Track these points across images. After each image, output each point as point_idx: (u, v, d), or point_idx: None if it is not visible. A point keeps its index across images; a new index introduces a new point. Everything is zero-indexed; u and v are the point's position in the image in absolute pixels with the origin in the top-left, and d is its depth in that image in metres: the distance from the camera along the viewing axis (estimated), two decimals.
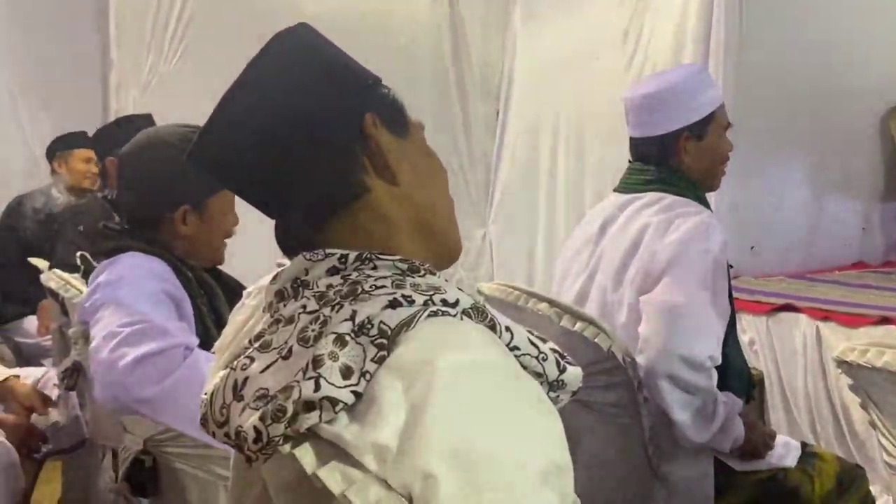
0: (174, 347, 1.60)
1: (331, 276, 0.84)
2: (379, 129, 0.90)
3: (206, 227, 1.85)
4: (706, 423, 1.87)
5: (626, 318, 1.95)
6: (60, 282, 2.24)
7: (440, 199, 0.96)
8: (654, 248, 1.93)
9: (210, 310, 1.84)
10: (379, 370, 0.74)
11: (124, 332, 1.61)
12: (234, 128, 0.89)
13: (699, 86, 2.06)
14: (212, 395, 0.82)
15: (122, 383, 1.57)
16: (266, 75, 0.89)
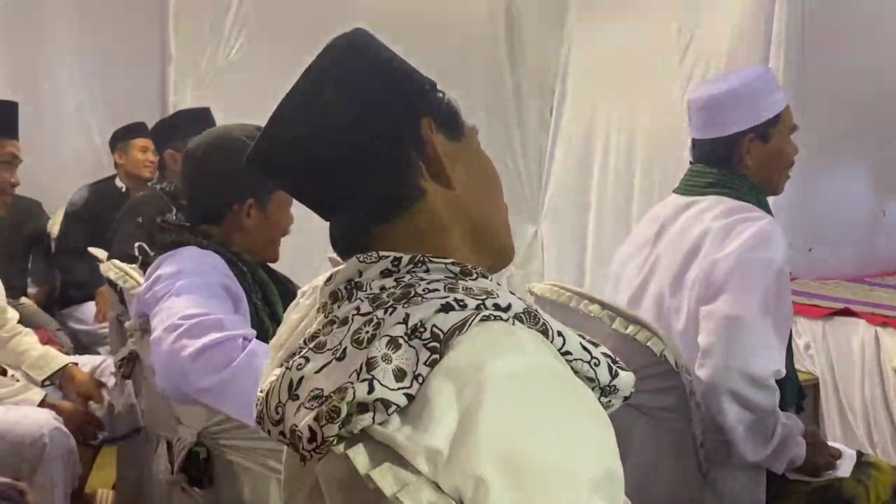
0: (233, 338, 1.64)
1: (384, 279, 0.85)
2: (435, 133, 0.91)
3: (267, 222, 1.90)
4: (762, 442, 1.84)
5: (685, 324, 1.93)
6: (119, 272, 2.29)
7: (494, 203, 0.97)
8: (714, 257, 1.90)
9: (264, 304, 1.87)
10: (431, 374, 0.75)
11: (185, 325, 1.64)
12: (292, 132, 0.90)
13: (765, 88, 2.03)
14: (267, 394, 0.84)
15: (183, 373, 1.61)
16: (324, 80, 0.91)
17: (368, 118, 0.89)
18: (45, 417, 2.31)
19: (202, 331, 1.64)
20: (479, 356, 0.75)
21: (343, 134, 0.89)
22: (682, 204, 2.07)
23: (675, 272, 1.98)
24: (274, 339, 0.99)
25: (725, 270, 1.87)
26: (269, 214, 1.89)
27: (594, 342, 0.90)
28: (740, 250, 1.87)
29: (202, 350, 1.62)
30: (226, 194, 1.88)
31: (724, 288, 1.86)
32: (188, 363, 1.61)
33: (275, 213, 1.90)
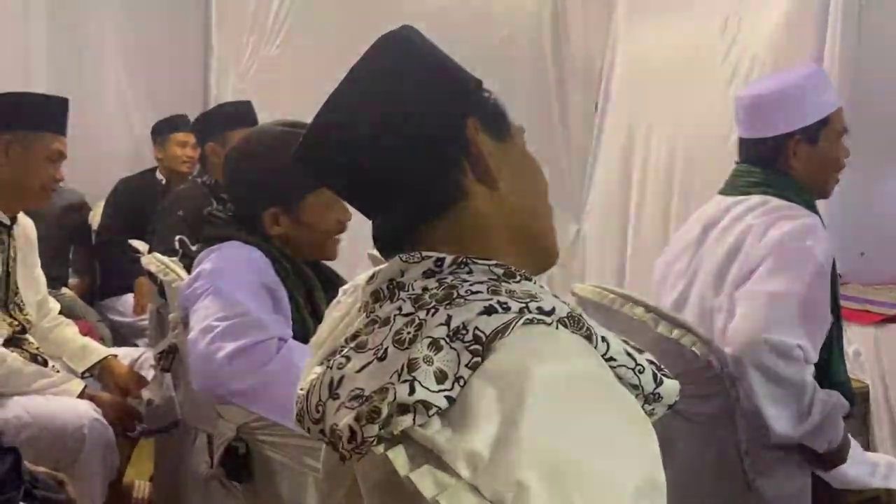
0: (268, 340, 1.66)
1: (427, 279, 0.86)
2: (480, 133, 0.92)
3: (303, 226, 1.89)
4: (798, 418, 1.81)
5: (723, 323, 1.92)
6: (160, 266, 2.33)
7: (539, 204, 0.97)
8: (753, 247, 1.90)
9: (308, 302, 1.89)
10: (473, 376, 0.75)
11: (221, 326, 1.67)
12: (337, 129, 0.92)
13: (815, 88, 2.01)
14: (308, 392, 0.85)
15: (217, 375, 1.63)
16: (370, 78, 0.92)
17: (413, 117, 0.90)
18: (85, 408, 2.35)
19: (237, 332, 1.66)
20: (522, 360, 0.75)
21: (388, 133, 0.90)
22: (725, 205, 2.06)
23: (717, 272, 1.97)
24: (314, 337, 1.00)
25: (761, 255, 1.86)
26: (303, 218, 1.89)
27: (638, 348, 0.90)
28: (777, 239, 1.87)
29: (236, 353, 1.64)
30: (251, 203, 1.90)
31: (757, 269, 1.85)
32: (222, 366, 1.63)
33: (310, 215, 1.89)
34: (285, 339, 1.68)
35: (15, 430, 2.23)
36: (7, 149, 2.42)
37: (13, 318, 2.50)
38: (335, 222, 1.91)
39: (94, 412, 2.35)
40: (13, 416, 2.29)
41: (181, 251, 2.25)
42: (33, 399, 2.36)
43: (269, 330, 1.68)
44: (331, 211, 1.90)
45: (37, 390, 2.38)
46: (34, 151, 2.44)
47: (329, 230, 1.92)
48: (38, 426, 2.29)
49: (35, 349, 2.55)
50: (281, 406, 1.59)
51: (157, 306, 2.77)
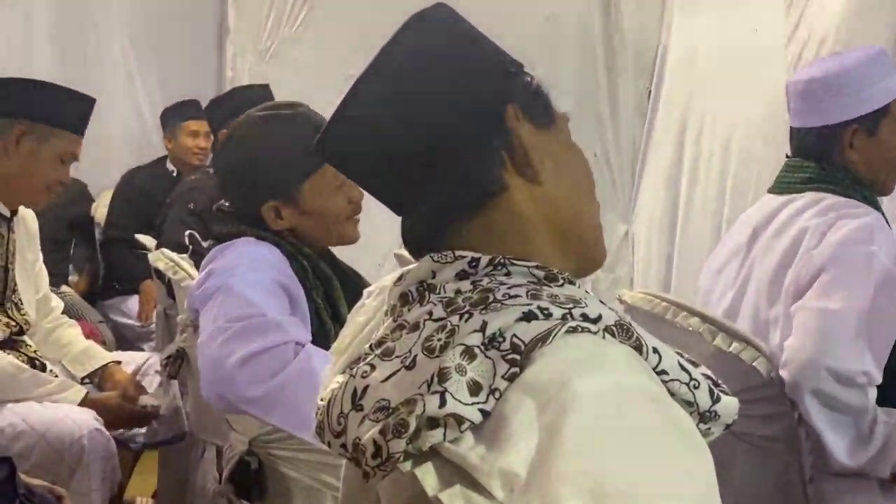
0: (284, 344, 1.66)
1: (460, 281, 0.86)
2: (521, 122, 0.92)
3: (309, 215, 1.90)
4: (860, 446, 1.80)
5: (780, 337, 1.90)
6: (169, 263, 2.35)
7: (585, 200, 0.97)
8: (810, 254, 1.88)
9: (326, 302, 1.90)
10: (510, 388, 0.75)
11: (233, 328, 1.67)
12: (365, 117, 0.92)
13: (876, 72, 1.97)
14: (329, 402, 0.85)
15: (228, 382, 1.64)
16: (400, 61, 0.92)
17: (448, 104, 0.90)
18: (86, 417, 2.37)
19: (251, 334, 1.67)
20: (564, 372, 0.75)
21: (420, 121, 0.90)
22: (777, 204, 2.04)
23: (771, 279, 1.95)
24: (336, 343, 1.01)
25: (819, 265, 1.84)
26: (306, 207, 1.89)
27: (693, 361, 0.90)
28: (837, 243, 1.84)
29: (249, 357, 1.65)
30: (247, 200, 1.92)
31: (816, 281, 1.83)
32: (234, 371, 1.64)
33: (314, 202, 1.89)
34: (303, 344, 1.69)
35: (9, 439, 2.26)
36: (19, 139, 2.43)
37: (10, 318, 2.52)
38: (345, 204, 1.92)
39: (94, 421, 2.37)
40: (7, 425, 2.32)
41: (191, 247, 2.27)
42: (29, 406, 2.39)
43: (287, 333, 1.69)
44: (337, 193, 1.90)
45: (34, 397, 2.41)
46: (47, 148, 2.45)
47: (339, 213, 1.92)
48: (34, 436, 2.32)
49: (33, 352, 2.58)
50: (298, 417, 1.60)
51: (165, 307, 2.80)
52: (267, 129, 1.88)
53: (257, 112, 1.93)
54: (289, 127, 1.87)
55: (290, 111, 1.90)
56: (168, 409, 2.58)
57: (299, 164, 1.86)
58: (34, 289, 2.67)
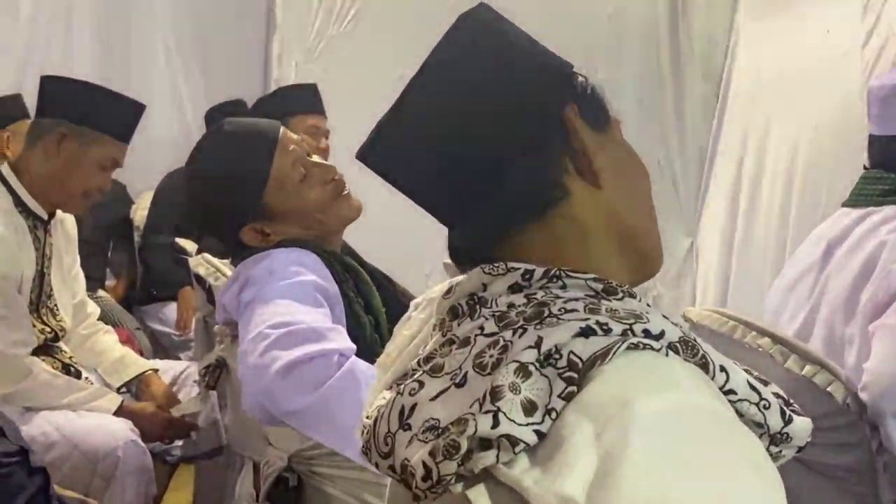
0: (328, 353, 1.67)
1: (513, 294, 0.86)
2: (580, 123, 0.92)
3: (291, 218, 1.93)
4: None
5: (856, 358, 1.87)
6: (210, 268, 2.37)
7: (643, 205, 0.97)
8: (889, 270, 1.85)
9: (358, 295, 1.91)
10: (567, 408, 0.75)
11: (275, 335, 1.69)
12: (418, 122, 0.92)
13: None
14: (375, 421, 0.85)
15: (270, 392, 1.65)
16: (454, 62, 0.92)
17: (506, 105, 0.90)
18: (121, 428, 2.41)
19: (294, 342, 1.68)
20: (625, 391, 0.74)
21: (477, 124, 0.90)
22: (852, 219, 2.01)
23: (847, 296, 1.92)
24: (381, 358, 1.01)
25: None
26: (282, 213, 1.93)
27: (763, 380, 0.89)
28: None
29: (292, 366, 1.65)
30: (222, 232, 1.99)
31: None
32: (276, 381, 1.65)
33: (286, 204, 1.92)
34: (347, 355, 1.70)
35: (42, 448, 2.30)
36: (60, 141, 2.46)
37: (45, 324, 2.57)
38: (321, 190, 1.96)
39: (130, 433, 2.41)
40: (40, 433, 2.36)
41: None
42: (63, 415, 2.43)
43: (329, 341, 1.70)
44: (304, 186, 1.94)
45: (68, 405, 2.45)
46: (89, 154, 2.48)
47: (321, 201, 1.96)
48: (68, 445, 2.36)
49: (68, 358, 2.63)
50: (340, 432, 1.60)
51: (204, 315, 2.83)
52: (201, 162, 1.96)
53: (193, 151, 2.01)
54: (219, 148, 1.94)
55: (211, 138, 1.99)
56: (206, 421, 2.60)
57: (246, 179, 1.91)
58: (70, 294, 2.71)
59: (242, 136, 1.94)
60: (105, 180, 2.53)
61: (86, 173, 2.49)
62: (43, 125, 2.49)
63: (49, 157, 2.46)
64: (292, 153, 1.94)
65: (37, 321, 2.54)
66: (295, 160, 1.94)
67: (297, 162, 1.94)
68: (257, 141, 1.94)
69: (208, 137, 2.00)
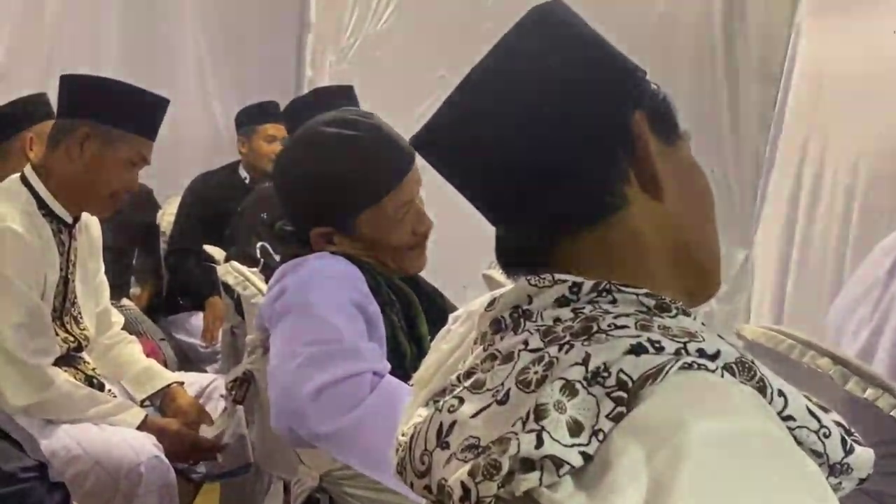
0: (362, 374, 1.67)
1: (559, 308, 0.86)
2: (647, 131, 0.92)
3: (365, 243, 1.92)
4: None
5: None
6: (239, 277, 2.39)
7: (707, 223, 0.96)
8: None
9: (403, 321, 1.91)
10: (615, 430, 0.75)
11: (308, 353, 1.69)
12: (474, 117, 0.93)
13: None
14: (411, 438, 0.86)
15: (300, 413, 1.65)
16: (517, 59, 0.93)
17: (570, 105, 0.90)
18: (145, 443, 2.42)
19: (327, 361, 1.68)
20: (678, 413, 0.74)
21: (538, 124, 0.90)
22: None
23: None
24: (419, 373, 1.01)
25: None
26: (362, 236, 1.91)
27: (823, 406, 0.88)
28: None
29: (324, 387, 1.66)
30: (296, 220, 1.97)
31: None
32: (307, 402, 1.65)
33: (373, 231, 1.91)
34: (382, 374, 1.70)
35: (62, 463, 2.32)
36: (83, 142, 2.49)
37: (69, 333, 2.59)
38: (407, 235, 1.93)
39: (154, 448, 2.42)
40: (61, 447, 2.38)
41: (263, 261, 2.30)
42: (85, 429, 2.45)
43: (365, 361, 1.70)
44: (398, 225, 1.91)
45: (90, 418, 2.47)
46: (114, 153, 2.50)
47: (400, 245, 1.94)
48: (89, 461, 2.38)
49: (91, 370, 2.65)
50: (375, 456, 1.60)
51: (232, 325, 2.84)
52: (325, 150, 1.89)
53: (319, 125, 1.93)
54: (350, 149, 1.88)
55: (353, 131, 1.89)
56: (232, 437, 2.62)
57: (356, 194, 1.88)
58: (94, 302, 2.74)
59: (391, 137, 1.90)
60: (132, 180, 2.55)
61: (111, 173, 2.51)
62: (64, 126, 2.51)
63: (72, 158, 2.49)
64: (409, 193, 1.92)
65: (60, 329, 2.56)
66: (409, 201, 1.92)
67: (408, 204, 1.92)
68: (403, 150, 1.89)
69: (351, 126, 1.90)
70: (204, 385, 2.89)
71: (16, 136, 3.00)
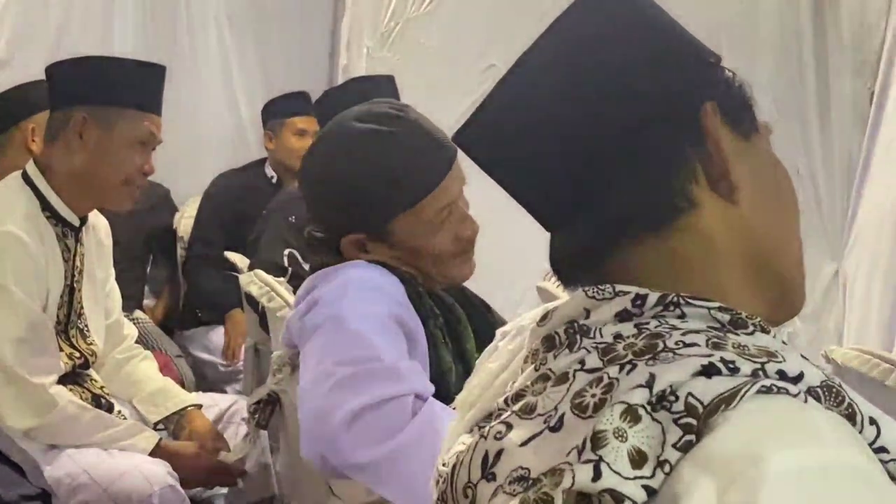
0: (403, 396, 1.67)
1: (620, 323, 0.86)
2: (719, 125, 0.91)
3: (402, 251, 1.92)
4: None
5: None
6: (263, 288, 2.41)
7: (788, 230, 0.96)
8: None
9: (447, 337, 1.91)
10: (683, 461, 0.75)
11: (342, 373, 1.69)
12: (525, 108, 0.93)
13: None
14: (453, 468, 0.86)
15: (333, 441, 1.66)
16: (574, 43, 0.93)
17: (632, 95, 0.90)
18: (158, 471, 2.44)
19: (364, 383, 1.69)
20: (755, 443, 0.73)
21: (594, 116, 0.90)
22: None
23: None
24: (462, 395, 1.02)
25: None
26: (398, 243, 1.91)
27: None
28: None
29: (361, 412, 1.66)
30: (326, 226, 1.96)
31: None
32: (340, 430, 1.66)
33: (408, 240, 1.91)
34: (424, 397, 1.70)
35: (67, 491, 2.35)
36: (81, 130, 2.50)
37: (74, 348, 2.61)
38: (449, 242, 1.92)
39: (168, 477, 2.44)
40: (65, 474, 2.41)
41: (290, 269, 2.31)
42: (92, 454, 2.48)
43: (405, 382, 1.70)
44: (438, 231, 1.91)
45: (98, 443, 2.50)
46: (115, 133, 2.51)
47: (441, 253, 1.93)
48: (97, 489, 2.40)
49: (99, 388, 2.67)
50: (415, 489, 1.60)
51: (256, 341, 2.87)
52: (356, 148, 1.89)
53: (347, 120, 1.94)
54: (384, 147, 1.88)
55: (388, 127, 1.89)
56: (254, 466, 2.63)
57: (390, 197, 1.88)
58: (103, 313, 2.75)
59: (428, 131, 1.91)
60: (144, 160, 2.55)
61: (118, 157, 2.51)
62: (59, 118, 2.53)
63: (73, 150, 2.49)
64: (459, 184, 1.92)
65: (64, 344, 2.58)
66: (449, 203, 1.91)
67: (449, 206, 1.91)
68: (443, 146, 1.90)
69: (385, 120, 1.90)
70: (224, 408, 2.91)
71: (15, 128, 3.02)
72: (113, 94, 2.52)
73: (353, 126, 1.91)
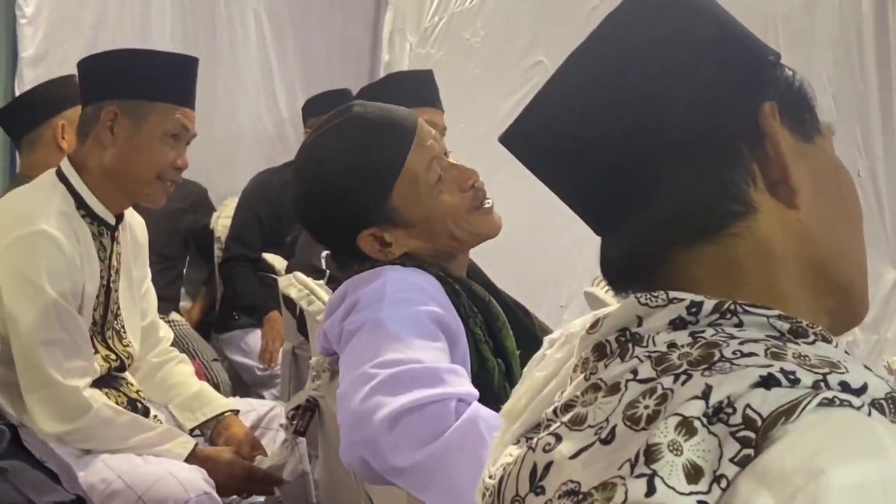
0: (445, 399, 1.67)
1: (675, 332, 0.85)
2: (779, 126, 0.90)
3: (421, 226, 1.94)
4: None
5: None
6: (302, 290, 2.41)
7: (850, 236, 0.95)
8: None
9: (486, 333, 1.91)
10: (740, 476, 0.74)
11: (381, 375, 1.70)
12: (577, 104, 0.93)
13: None
14: (500, 481, 0.86)
15: (374, 444, 1.66)
16: (627, 39, 0.93)
17: (687, 93, 0.90)
18: (194, 478, 2.45)
19: (405, 385, 1.69)
20: (816, 457, 0.73)
21: (648, 117, 0.90)
22: None
23: None
24: (508, 404, 1.01)
25: None
26: (409, 219, 1.94)
27: None
28: None
29: (402, 414, 1.66)
30: (335, 237, 2.01)
31: None
32: (381, 431, 1.66)
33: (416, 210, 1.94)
34: (467, 401, 1.70)
35: (101, 498, 2.37)
36: (112, 125, 2.52)
37: (110, 350, 2.63)
38: (457, 196, 1.96)
39: (205, 484, 2.45)
40: (99, 480, 2.43)
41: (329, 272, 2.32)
42: (127, 459, 2.50)
43: (449, 384, 1.70)
44: (440, 188, 1.94)
45: (132, 448, 2.51)
46: (147, 127, 2.53)
47: (457, 209, 1.96)
48: (131, 497, 2.41)
49: (135, 392, 2.69)
50: (458, 495, 1.60)
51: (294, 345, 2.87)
52: (321, 153, 1.96)
53: (310, 137, 2.02)
54: (345, 135, 1.94)
55: (338, 121, 1.97)
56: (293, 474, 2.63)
57: (371, 177, 1.92)
58: (140, 314, 2.77)
59: (374, 123, 1.96)
60: (177, 154, 2.57)
61: (150, 151, 2.53)
62: (90, 114, 2.55)
63: (105, 145, 2.52)
64: (429, 149, 1.96)
65: (101, 346, 2.59)
66: (432, 158, 1.95)
67: (434, 160, 1.96)
68: (391, 129, 1.95)
69: (331, 121, 2.00)
70: (261, 413, 2.92)
71: (46, 124, 3.05)
72: (143, 88, 2.54)
73: (309, 141, 2.03)
